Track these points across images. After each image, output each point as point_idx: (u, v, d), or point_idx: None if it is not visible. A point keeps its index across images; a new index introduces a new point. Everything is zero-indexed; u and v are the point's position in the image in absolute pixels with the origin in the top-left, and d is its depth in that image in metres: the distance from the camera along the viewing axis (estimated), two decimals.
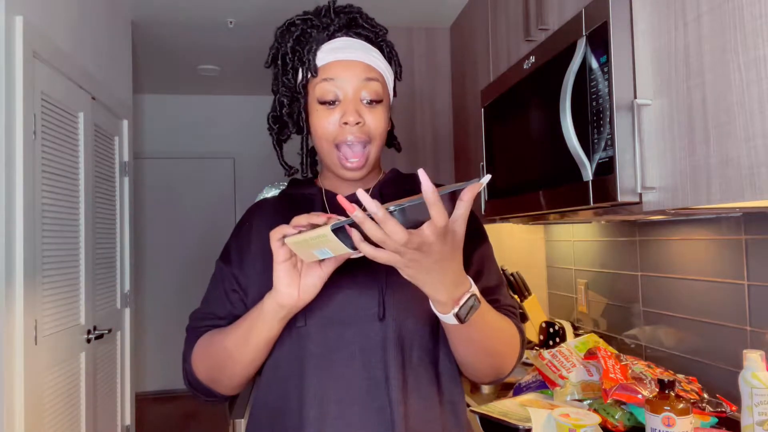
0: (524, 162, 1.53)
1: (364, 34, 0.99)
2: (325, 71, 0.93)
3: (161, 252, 5.02)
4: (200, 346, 0.95)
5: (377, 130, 0.94)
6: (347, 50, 0.94)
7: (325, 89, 0.93)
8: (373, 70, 0.95)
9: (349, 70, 0.93)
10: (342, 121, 0.91)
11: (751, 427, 1.10)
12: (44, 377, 1.92)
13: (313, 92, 0.94)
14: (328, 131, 0.93)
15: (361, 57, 0.94)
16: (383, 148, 1.00)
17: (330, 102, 0.93)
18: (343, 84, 0.92)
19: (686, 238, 1.58)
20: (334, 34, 0.96)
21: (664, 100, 1.08)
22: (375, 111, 0.94)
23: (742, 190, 0.90)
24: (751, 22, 0.87)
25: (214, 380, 0.93)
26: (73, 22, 2.26)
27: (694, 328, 1.55)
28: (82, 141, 2.29)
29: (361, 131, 0.92)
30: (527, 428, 1.24)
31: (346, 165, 0.93)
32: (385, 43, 1.01)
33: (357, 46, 0.95)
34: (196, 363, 0.95)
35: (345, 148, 0.93)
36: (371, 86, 0.93)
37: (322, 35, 0.96)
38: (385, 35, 1.01)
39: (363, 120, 0.92)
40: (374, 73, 0.94)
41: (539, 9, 1.56)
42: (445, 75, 2.50)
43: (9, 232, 1.70)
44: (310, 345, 0.89)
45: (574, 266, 2.21)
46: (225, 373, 0.91)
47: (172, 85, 4.76)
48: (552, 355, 1.47)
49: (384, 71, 0.98)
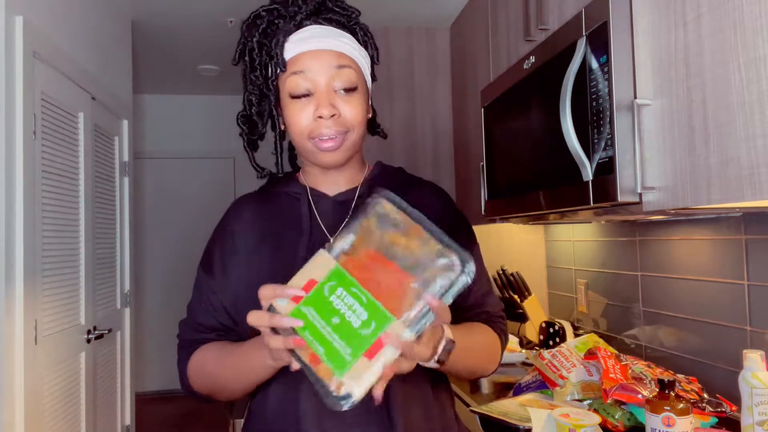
0: (524, 162, 1.53)
1: (335, 18, 0.93)
2: (294, 64, 0.88)
3: (161, 252, 5.02)
4: (194, 368, 0.94)
5: (355, 120, 0.89)
6: (315, 39, 0.89)
7: (296, 83, 0.88)
8: (345, 56, 0.89)
9: (319, 59, 0.88)
10: (316, 115, 0.87)
11: (751, 427, 1.10)
12: (44, 377, 1.92)
13: (284, 87, 0.90)
14: (303, 126, 0.88)
15: (331, 45, 0.89)
16: (366, 137, 0.96)
17: (301, 95, 0.88)
18: (313, 75, 0.87)
19: (686, 238, 1.58)
20: (302, 22, 0.91)
21: (664, 100, 1.08)
22: (350, 99, 0.89)
23: (742, 190, 0.90)
24: (751, 22, 0.87)
25: (214, 393, 0.94)
26: (73, 22, 2.26)
27: (694, 328, 1.55)
28: (82, 141, 2.29)
29: (337, 123, 0.87)
30: (527, 428, 1.24)
31: (322, 146, 0.88)
32: (359, 27, 0.95)
33: (325, 33, 0.90)
34: (193, 379, 0.94)
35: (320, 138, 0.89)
36: (344, 74, 0.88)
37: (289, 25, 0.90)
38: (357, 18, 0.95)
39: (338, 111, 0.87)
40: (346, 60, 0.89)
41: (539, 9, 1.56)
42: (445, 75, 2.50)
43: (9, 232, 1.70)
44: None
45: (574, 266, 2.21)
46: (223, 394, 0.92)
47: (172, 85, 4.76)
48: (552, 355, 1.47)
49: (357, 56, 0.92)
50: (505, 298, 2.21)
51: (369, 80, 0.96)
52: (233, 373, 0.86)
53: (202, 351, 0.93)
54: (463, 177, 2.33)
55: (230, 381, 0.88)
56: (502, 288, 2.23)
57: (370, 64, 0.97)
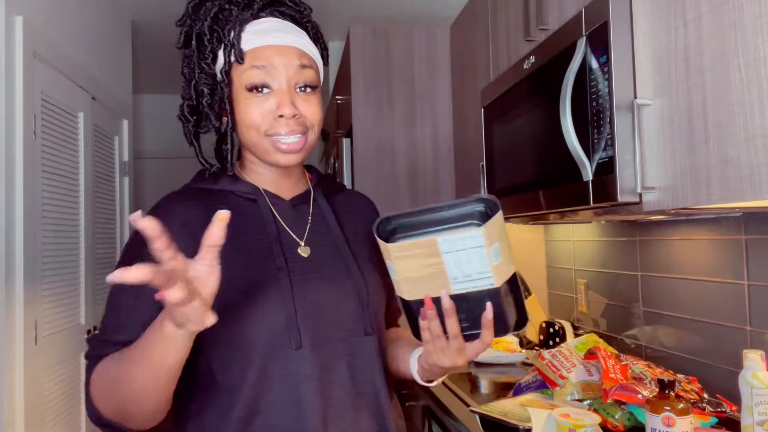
0: (524, 162, 1.53)
1: (289, 13, 0.91)
2: (255, 57, 0.84)
3: None
4: (96, 381, 0.79)
5: (314, 118, 0.87)
6: (277, 33, 0.86)
7: (256, 76, 0.84)
8: (307, 56, 0.87)
9: (283, 56, 0.85)
10: (277, 114, 0.84)
11: (751, 427, 1.10)
12: (44, 377, 1.92)
13: (239, 79, 0.85)
14: (258, 122, 0.84)
15: (295, 42, 0.86)
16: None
17: (259, 88, 0.84)
18: (275, 72, 0.84)
19: (686, 238, 1.58)
20: (258, 12, 0.88)
21: (664, 100, 1.08)
22: (310, 99, 0.87)
23: (742, 190, 0.90)
24: (751, 22, 0.87)
25: (123, 411, 0.76)
26: (73, 22, 2.26)
27: (694, 328, 1.55)
28: (82, 141, 2.29)
29: (297, 123, 0.85)
30: (527, 428, 1.24)
31: (282, 147, 0.84)
32: (311, 24, 0.93)
33: (287, 29, 0.87)
34: (97, 396, 0.79)
35: (278, 136, 0.85)
36: (306, 73, 0.86)
37: (245, 14, 0.87)
38: (309, 15, 0.93)
39: (299, 111, 0.85)
40: (307, 60, 0.87)
41: (539, 9, 1.56)
42: (445, 75, 2.50)
43: (9, 232, 1.70)
44: (308, 366, 0.82)
45: (574, 266, 2.21)
46: (135, 409, 0.75)
47: (172, 85, 4.76)
48: (552, 355, 1.47)
49: (315, 55, 0.91)
50: None
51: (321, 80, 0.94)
52: (142, 367, 0.70)
53: (103, 361, 0.80)
54: (463, 177, 2.33)
55: (141, 379, 0.71)
56: None
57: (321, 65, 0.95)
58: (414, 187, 2.46)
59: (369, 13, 3.27)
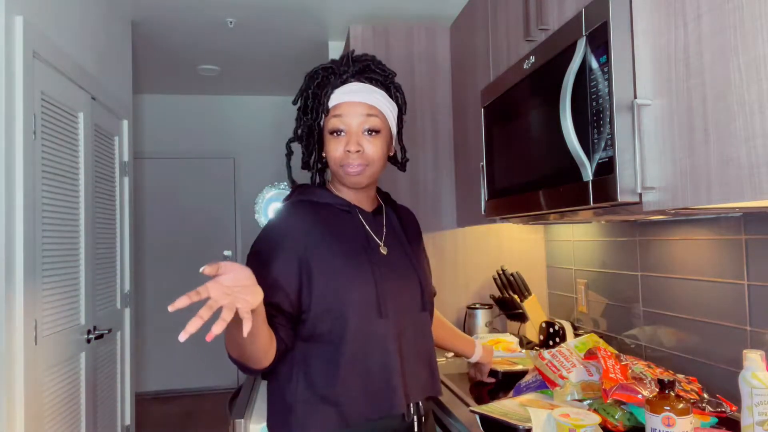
0: (524, 162, 1.53)
1: (374, 78, 1.22)
2: (336, 109, 1.18)
3: (161, 252, 5.02)
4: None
5: (375, 156, 1.18)
6: (354, 93, 1.18)
7: (334, 122, 1.18)
8: (374, 107, 1.19)
9: (354, 108, 1.18)
10: (346, 149, 1.17)
11: (751, 427, 1.10)
12: (44, 377, 1.92)
13: (326, 125, 1.20)
14: (336, 157, 1.19)
15: (365, 98, 1.18)
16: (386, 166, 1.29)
17: (338, 132, 1.18)
18: (348, 119, 1.17)
19: (686, 238, 1.58)
20: (347, 80, 1.20)
21: (664, 100, 1.08)
22: (373, 140, 1.18)
23: (742, 190, 0.90)
24: (751, 22, 0.87)
25: (241, 356, 1.04)
26: (73, 22, 2.26)
27: (694, 328, 1.55)
28: (82, 141, 2.29)
29: (361, 158, 1.17)
30: (527, 428, 1.24)
31: (348, 171, 1.19)
32: (393, 85, 1.24)
33: (363, 89, 1.19)
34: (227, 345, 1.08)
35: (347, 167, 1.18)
36: (371, 120, 1.18)
37: (337, 81, 1.20)
38: (392, 78, 1.24)
39: (362, 148, 1.17)
40: (374, 110, 1.19)
41: (539, 9, 1.56)
42: (445, 75, 2.49)
43: (9, 232, 1.70)
44: (390, 331, 1.16)
45: (574, 266, 2.21)
46: (247, 352, 1.03)
47: (172, 85, 4.76)
48: (552, 355, 1.47)
49: (384, 108, 1.20)
50: (505, 298, 2.21)
51: (394, 127, 1.25)
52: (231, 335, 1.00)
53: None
54: (463, 177, 2.33)
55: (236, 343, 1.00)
56: (502, 288, 2.23)
57: (397, 114, 1.27)
58: (414, 187, 2.46)
59: (369, 13, 3.27)
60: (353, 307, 1.13)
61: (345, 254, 1.17)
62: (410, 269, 1.26)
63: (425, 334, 1.26)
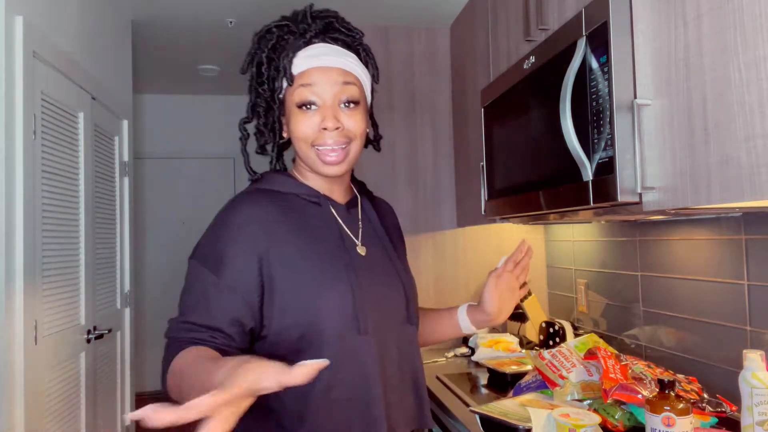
0: (524, 162, 1.53)
1: (341, 38, 1.01)
2: (303, 77, 0.96)
3: (161, 252, 5.02)
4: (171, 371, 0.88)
5: (357, 131, 0.98)
6: (323, 56, 0.97)
7: (303, 94, 0.96)
8: (350, 74, 0.98)
9: (327, 75, 0.96)
10: (321, 126, 0.95)
11: (751, 427, 1.10)
12: (44, 377, 1.92)
13: (291, 97, 0.98)
14: (307, 134, 0.96)
15: (338, 62, 0.98)
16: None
17: (308, 105, 0.96)
18: (320, 89, 0.96)
19: (686, 238, 1.58)
20: (310, 40, 0.99)
21: (664, 100, 1.08)
22: (353, 113, 0.98)
23: (742, 190, 0.90)
24: (751, 22, 0.87)
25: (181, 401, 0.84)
26: (73, 22, 2.26)
27: (694, 328, 1.55)
28: (82, 141, 2.29)
29: (341, 135, 0.96)
30: (527, 428, 1.24)
31: (326, 160, 0.96)
32: (362, 47, 1.04)
33: (332, 51, 0.98)
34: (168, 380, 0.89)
35: (324, 147, 0.96)
36: (348, 90, 0.97)
37: (298, 42, 0.98)
38: (361, 39, 1.03)
39: (342, 124, 0.96)
40: (351, 77, 0.98)
41: (539, 9, 1.56)
42: (445, 75, 2.49)
43: (9, 232, 1.70)
44: (372, 350, 0.95)
45: (574, 266, 2.21)
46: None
47: (172, 85, 4.76)
48: (552, 355, 1.47)
49: (360, 75, 1.01)
50: None
51: (369, 97, 1.06)
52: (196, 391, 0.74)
53: (186, 353, 0.88)
54: (463, 177, 2.33)
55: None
56: None
57: (371, 83, 1.06)
58: (414, 187, 2.46)
59: (369, 13, 3.27)
60: (326, 321, 0.91)
61: (315, 256, 0.95)
62: (393, 274, 1.04)
63: (412, 352, 1.04)
